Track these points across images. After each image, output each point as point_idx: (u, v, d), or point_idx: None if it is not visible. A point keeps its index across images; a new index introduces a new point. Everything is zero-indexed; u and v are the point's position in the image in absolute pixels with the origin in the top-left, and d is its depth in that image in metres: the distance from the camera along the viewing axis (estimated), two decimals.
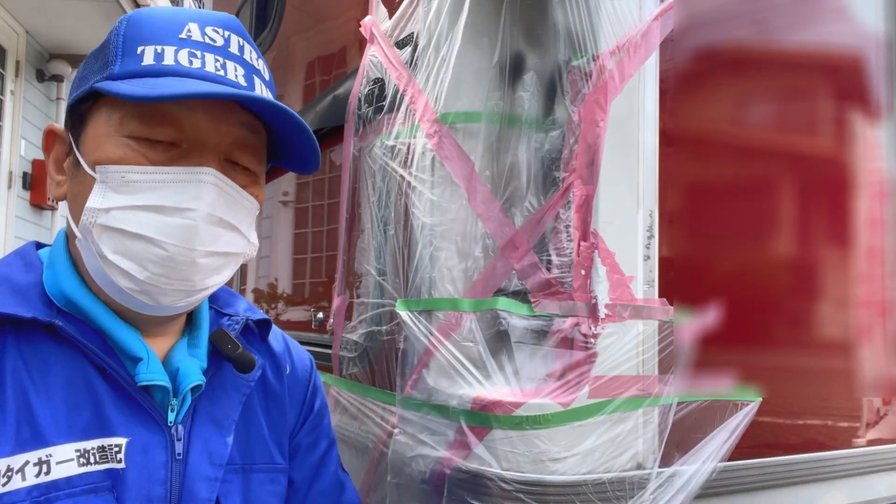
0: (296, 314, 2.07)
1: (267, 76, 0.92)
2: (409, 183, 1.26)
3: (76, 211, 0.83)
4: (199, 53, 0.83)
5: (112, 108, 0.83)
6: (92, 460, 0.80)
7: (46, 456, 0.77)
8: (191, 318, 0.98)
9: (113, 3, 5.56)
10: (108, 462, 0.80)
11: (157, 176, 0.80)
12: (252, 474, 0.96)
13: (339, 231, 1.57)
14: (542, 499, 1.07)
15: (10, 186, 5.88)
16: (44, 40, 6.35)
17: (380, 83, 1.40)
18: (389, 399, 1.28)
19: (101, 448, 0.80)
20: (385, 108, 1.36)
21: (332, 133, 1.74)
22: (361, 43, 1.51)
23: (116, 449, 0.81)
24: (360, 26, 1.49)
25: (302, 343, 1.85)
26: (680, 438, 1.17)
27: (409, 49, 1.32)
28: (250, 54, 0.89)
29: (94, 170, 0.81)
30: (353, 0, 1.82)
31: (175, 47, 0.83)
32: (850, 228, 1.55)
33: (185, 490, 0.87)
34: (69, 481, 0.78)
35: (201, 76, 0.82)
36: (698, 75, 1.31)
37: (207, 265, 0.84)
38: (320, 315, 1.80)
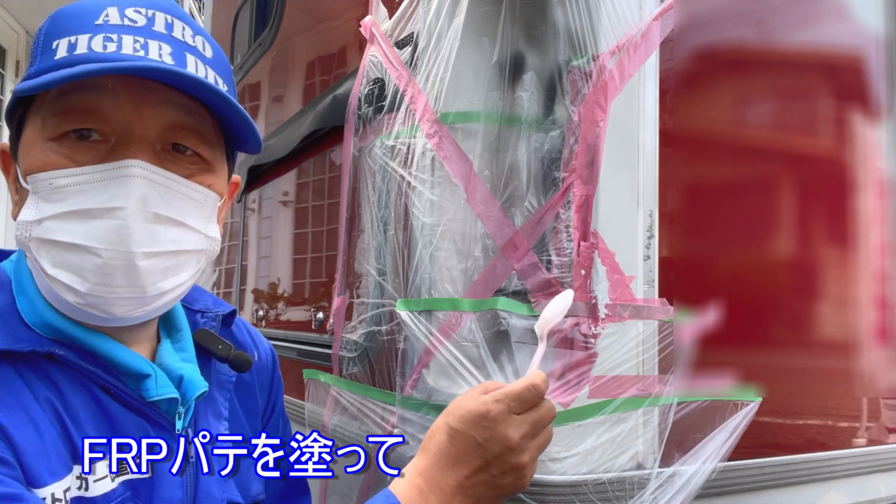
0: (296, 314, 2.07)
1: (209, 53, 0.85)
2: (408, 183, 1.26)
3: None
4: (114, 37, 0.77)
5: (37, 112, 0.78)
6: (115, 474, 0.80)
7: (84, 473, 0.77)
8: (166, 319, 0.96)
9: None
10: (127, 474, 0.81)
11: (81, 177, 0.75)
12: (240, 461, 0.97)
13: (339, 231, 1.57)
14: (542, 499, 1.07)
15: None
16: None
17: (380, 83, 1.40)
18: (389, 399, 1.28)
19: (121, 461, 0.80)
20: (385, 108, 1.36)
21: (332, 133, 1.74)
22: (361, 43, 1.50)
23: (137, 460, 0.81)
24: (360, 26, 1.49)
25: (302, 343, 1.86)
26: (680, 438, 1.17)
27: (409, 49, 1.32)
28: (182, 31, 0.82)
29: (26, 181, 0.77)
30: (353, 0, 1.82)
31: (89, 35, 0.77)
32: (850, 228, 1.55)
33: (201, 490, 0.88)
34: (105, 497, 0.79)
35: (115, 59, 0.75)
36: (698, 75, 1.31)
37: (152, 267, 0.78)
38: (320, 315, 1.80)
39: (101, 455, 0.79)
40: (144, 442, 0.81)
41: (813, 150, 1.55)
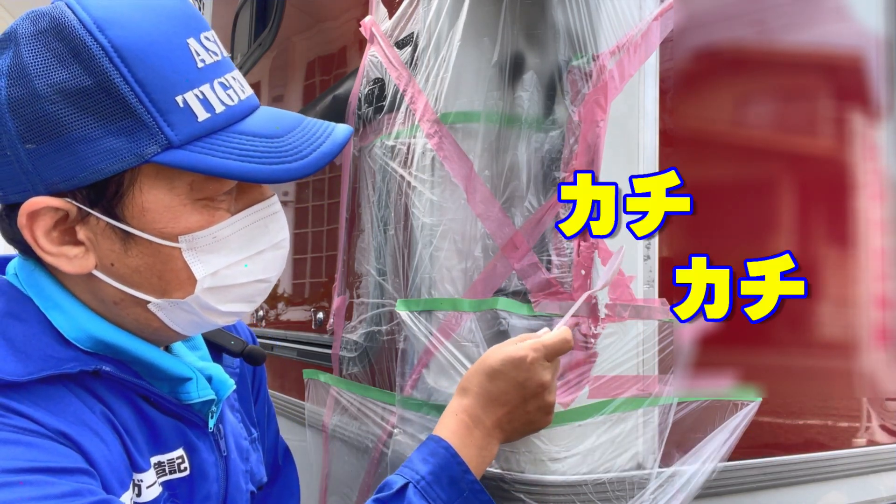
0: (296, 314, 2.07)
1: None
2: (409, 183, 1.26)
3: (141, 282, 0.78)
4: (225, 81, 0.78)
5: (171, 174, 0.75)
6: (157, 477, 0.82)
7: (139, 480, 0.79)
8: None
9: None
10: (165, 475, 0.83)
11: (242, 221, 0.80)
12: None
13: (339, 231, 1.57)
14: (542, 499, 1.07)
15: None
16: None
17: (380, 83, 1.40)
18: (389, 399, 1.28)
19: (159, 463, 0.83)
20: (385, 108, 1.36)
21: None
22: (361, 43, 1.50)
23: (179, 460, 0.84)
24: (360, 26, 1.49)
25: (302, 343, 1.86)
26: (680, 438, 1.17)
27: (409, 49, 1.32)
28: (217, 40, 0.82)
29: (176, 241, 0.76)
30: (353, 0, 1.81)
31: (208, 84, 0.75)
32: (849, 229, 1.55)
33: (231, 484, 0.91)
34: (154, 501, 0.80)
35: (244, 109, 0.79)
36: (698, 75, 1.31)
37: None
38: (320, 315, 1.80)
39: (175, 456, 0.83)
40: (181, 450, 0.85)
41: (813, 150, 1.55)
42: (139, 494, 0.79)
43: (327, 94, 1.78)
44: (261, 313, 2.35)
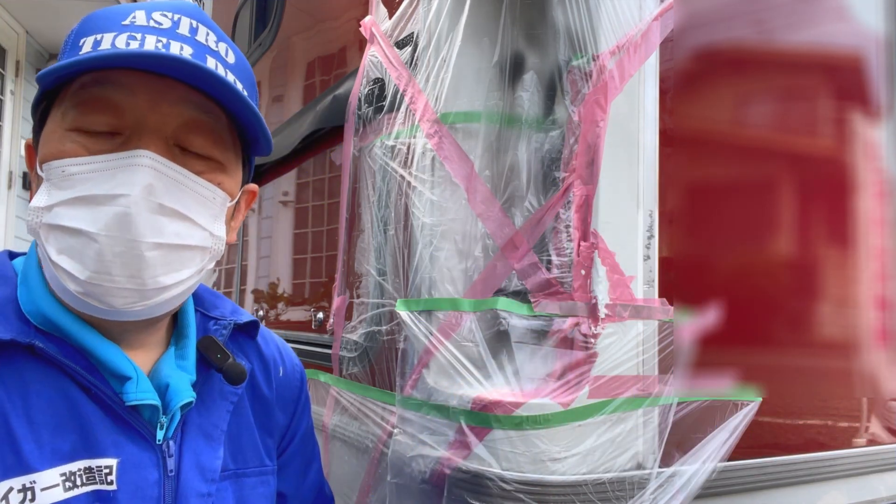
0: (296, 314, 2.07)
1: (231, 58, 0.86)
2: (409, 183, 1.26)
3: None
4: (138, 36, 0.78)
5: (59, 104, 0.81)
6: (79, 482, 0.76)
7: (31, 482, 0.73)
8: (179, 327, 0.93)
9: (112, 3, 5.56)
10: (95, 483, 0.77)
11: (92, 165, 0.76)
12: (245, 479, 0.94)
13: (339, 231, 1.57)
14: (542, 499, 1.07)
15: (10, 187, 5.89)
16: (44, 40, 6.36)
17: (380, 83, 1.40)
18: (389, 399, 1.28)
19: (88, 469, 0.77)
20: (385, 108, 1.36)
21: (332, 133, 1.74)
22: (361, 43, 1.51)
23: (107, 470, 0.78)
24: (360, 26, 1.49)
25: (302, 343, 1.86)
26: (680, 438, 1.17)
27: (409, 49, 1.32)
28: (205, 36, 0.83)
29: (42, 169, 0.78)
30: (353, 0, 1.82)
31: (115, 33, 0.79)
32: (849, 228, 1.55)
33: None
34: None
35: (137, 54, 0.77)
36: (698, 75, 1.31)
37: (154, 259, 0.77)
38: (320, 315, 1.80)
39: (104, 465, 0.77)
40: (115, 460, 0.78)
41: (813, 150, 1.55)
42: (32, 499, 0.73)
43: (327, 94, 1.78)
44: (261, 313, 2.35)
